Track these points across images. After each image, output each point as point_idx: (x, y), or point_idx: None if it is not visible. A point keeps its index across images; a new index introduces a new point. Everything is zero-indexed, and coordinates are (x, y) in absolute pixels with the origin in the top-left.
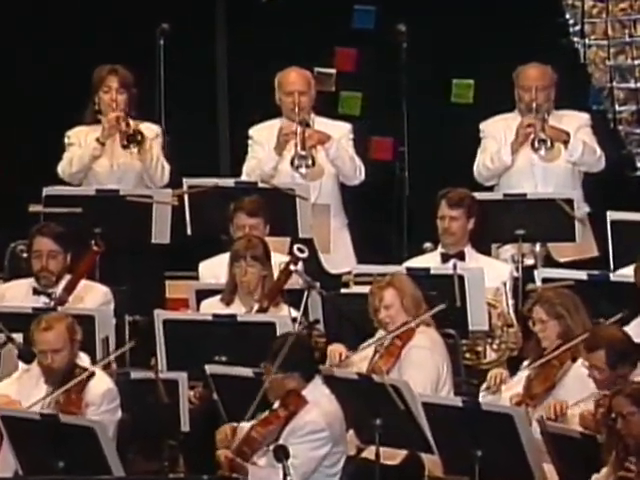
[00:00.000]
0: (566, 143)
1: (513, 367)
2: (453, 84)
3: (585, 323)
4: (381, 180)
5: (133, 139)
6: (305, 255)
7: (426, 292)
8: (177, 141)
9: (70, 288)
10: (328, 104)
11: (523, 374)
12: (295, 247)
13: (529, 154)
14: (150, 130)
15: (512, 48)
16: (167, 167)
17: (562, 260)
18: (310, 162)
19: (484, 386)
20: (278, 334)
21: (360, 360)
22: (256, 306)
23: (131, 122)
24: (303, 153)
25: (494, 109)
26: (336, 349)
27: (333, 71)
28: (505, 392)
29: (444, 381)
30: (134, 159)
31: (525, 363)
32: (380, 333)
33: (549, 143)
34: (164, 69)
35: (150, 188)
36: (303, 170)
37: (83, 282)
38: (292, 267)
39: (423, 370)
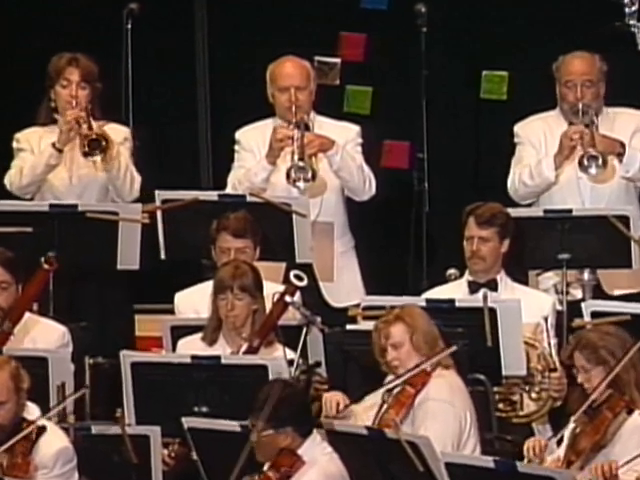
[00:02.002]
0: (620, 155)
1: (556, 421)
2: (483, 77)
3: (636, 366)
4: (395, 193)
5: (96, 145)
6: (304, 284)
7: (450, 329)
8: (148, 146)
9: (16, 316)
10: (331, 101)
11: (567, 431)
12: (292, 274)
13: (574, 166)
14: (117, 132)
15: (554, 34)
16: (138, 178)
17: (615, 292)
18: (310, 175)
19: (525, 462)
20: (270, 380)
21: (364, 410)
22: (244, 346)
23: (94, 124)
24: (301, 164)
25: (532, 107)
26: (332, 397)
27: (338, 61)
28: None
29: (468, 435)
30: (98, 170)
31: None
32: (389, 379)
33: (600, 160)
34: (132, 58)
35: (116, 203)
36: (301, 184)
37: (35, 318)
38: (288, 299)
39: (442, 423)
